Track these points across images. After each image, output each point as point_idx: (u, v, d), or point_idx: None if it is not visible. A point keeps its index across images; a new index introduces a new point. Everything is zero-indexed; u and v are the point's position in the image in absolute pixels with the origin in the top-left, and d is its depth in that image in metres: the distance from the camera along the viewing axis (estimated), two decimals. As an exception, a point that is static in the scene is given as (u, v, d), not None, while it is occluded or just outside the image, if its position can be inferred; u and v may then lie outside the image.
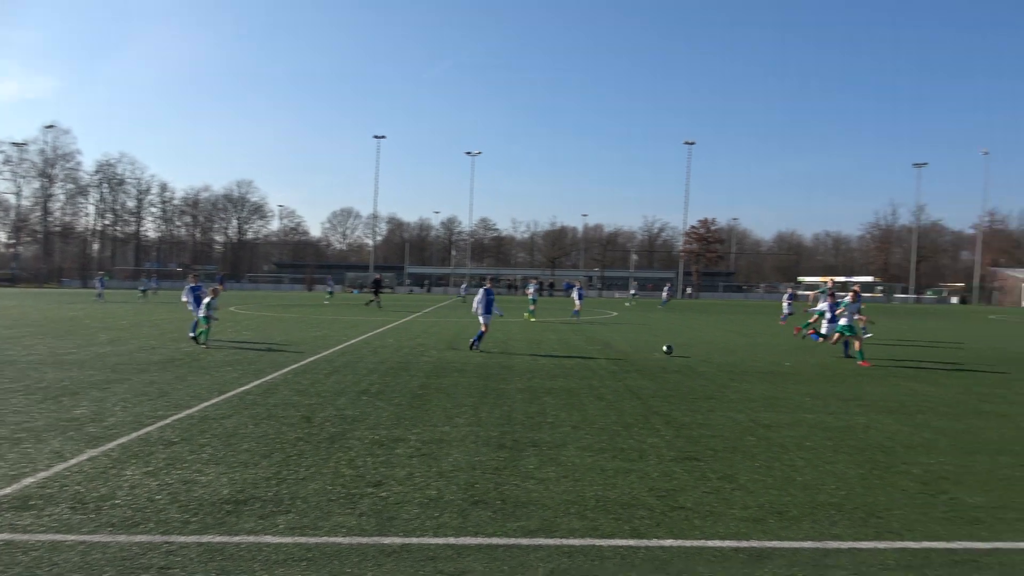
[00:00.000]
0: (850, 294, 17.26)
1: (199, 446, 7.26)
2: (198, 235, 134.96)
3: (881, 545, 4.86)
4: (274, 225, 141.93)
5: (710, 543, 4.86)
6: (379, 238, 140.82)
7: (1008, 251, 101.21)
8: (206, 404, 9.52)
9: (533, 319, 29.78)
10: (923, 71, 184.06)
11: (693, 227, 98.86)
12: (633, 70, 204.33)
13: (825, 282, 32.35)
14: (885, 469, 6.87)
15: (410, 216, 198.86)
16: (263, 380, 11.70)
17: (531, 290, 35.90)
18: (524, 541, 4.82)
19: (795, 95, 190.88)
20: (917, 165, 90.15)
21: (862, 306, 17.57)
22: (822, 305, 19.33)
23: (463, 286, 56.55)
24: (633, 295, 63.94)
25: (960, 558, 4.66)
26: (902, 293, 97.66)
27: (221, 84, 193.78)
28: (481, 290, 17.85)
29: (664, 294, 53.14)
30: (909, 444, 7.96)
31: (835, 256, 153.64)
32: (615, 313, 39.34)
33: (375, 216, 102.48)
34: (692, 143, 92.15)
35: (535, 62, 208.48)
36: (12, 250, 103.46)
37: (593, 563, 4.48)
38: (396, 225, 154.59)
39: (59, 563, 4.33)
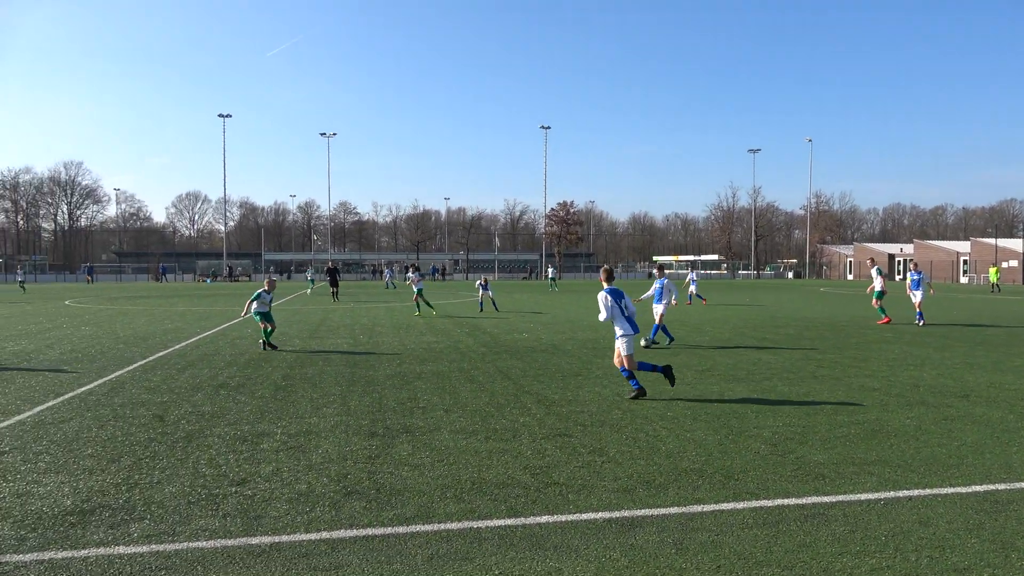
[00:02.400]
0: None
1: (34, 454, 6.56)
2: (21, 222, 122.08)
3: (740, 505, 5.20)
4: (111, 211, 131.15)
5: (584, 516, 5.00)
6: (232, 223, 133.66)
7: (832, 230, 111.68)
8: (40, 408, 8.63)
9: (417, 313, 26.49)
10: (757, 64, 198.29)
11: (553, 210, 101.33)
12: (488, 54, 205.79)
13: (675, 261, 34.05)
14: (739, 434, 7.36)
15: (265, 200, 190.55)
16: (107, 378, 10.77)
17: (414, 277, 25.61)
18: (401, 529, 4.74)
19: (646, 80, 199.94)
20: (752, 151, 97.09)
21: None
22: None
23: (308, 272, 52.76)
24: (553, 280, 54.82)
25: (810, 512, 5.07)
26: (744, 270, 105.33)
27: (35, 54, 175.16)
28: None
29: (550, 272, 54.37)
30: (758, 409, 8.58)
31: (684, 236, 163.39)
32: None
33: (225, 200, 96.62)
34: (548, 127, 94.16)
35: (390, 41, 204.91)
36: None
37: (472, 545, 4.47)
38: (249, 210, 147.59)
39: None
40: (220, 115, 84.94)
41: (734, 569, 4.13)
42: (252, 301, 14.27)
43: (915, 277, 20.85)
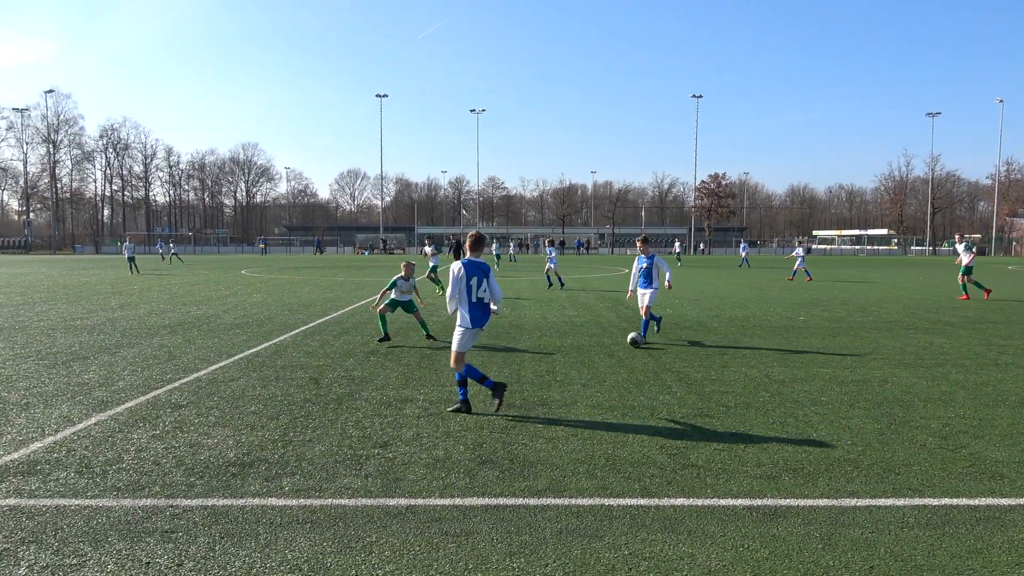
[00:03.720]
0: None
1: (206, 409, 7.22)
2: (207, 199, 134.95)
3: (900, 502, 4.74)
4: (282, 188, 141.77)
5: (722, 501, 4.76)
6: (387, 199, 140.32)
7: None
8: (215, 367, 9.48)
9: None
10: (937, 15, 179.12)
11: (704, 182, 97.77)
12: (638, 22, 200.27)
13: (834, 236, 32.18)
14: (903, 424, 6.73)
15: (418, 176, 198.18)
16: (272, 342, 11.66)
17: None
18: (532, 501, 4.74)
19: (805, 43, 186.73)
20: (931, 115, 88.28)
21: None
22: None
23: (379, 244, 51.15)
24: (679, 254, 52.83)
25: (983, 515, 4.53)
26: (917, 245, 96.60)
27: (218, 46, 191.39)
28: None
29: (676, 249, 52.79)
30: (927, 398, 7.81)
31: (849, 209, 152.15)
32: (625, 270, 39.10)
33: (382, 177, 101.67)
34: (700, 96, 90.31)
35: (536, 15, 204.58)
36: (24, 217, 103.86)
37: (602, 523, 4.39)
38: (404, 186, 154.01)
39: (63, 527, 4.29)
40: (377, 95, 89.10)
41: (889, 571, 3.76)
42: (388, 290, 11.95)
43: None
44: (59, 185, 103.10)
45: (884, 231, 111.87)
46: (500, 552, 3.98)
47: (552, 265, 24.06)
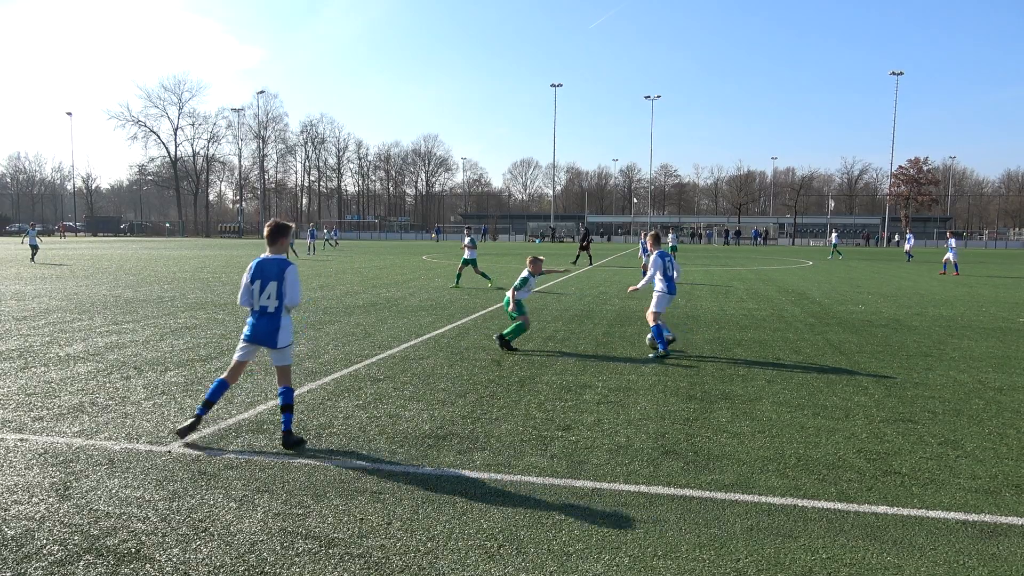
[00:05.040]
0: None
1: (402, 384, 7.77)
2: (391, 189, 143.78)
3: None
4: (458, 177, 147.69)
5: (931, 513, 4.41)
6: (558, 188, 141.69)
7: None
8: (406, 345, 10.16)
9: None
10: None
11: (902, 167, 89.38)
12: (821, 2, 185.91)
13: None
14: None
15: (589, 165, 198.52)
16: (455, 324, 12.28)
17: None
18: (719, 495, 4.67)
19: (1014, 10, 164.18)
20: None
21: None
22: None
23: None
24: (835, 246, 47.12)
25: None
26: None
27: (404, 43, 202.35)
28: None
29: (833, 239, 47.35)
30: None
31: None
32: (811, 263, 36.80)
33: (554, 166, 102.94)
34: (900, 73, 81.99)
35: (712, 2, 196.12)
36: (238, 206, 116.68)
37: (796, 523, 4.23)
38: (575, 175, 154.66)
39: (289, 481, 4.84)
40: (552, 85, 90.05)
41: None
42: (516, 290, 9.89)
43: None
44: (266, 176, 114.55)
45: None
46: (689, 543, 3.98)
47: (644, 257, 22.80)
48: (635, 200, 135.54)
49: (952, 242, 28.36)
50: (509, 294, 9.96)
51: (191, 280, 21.27)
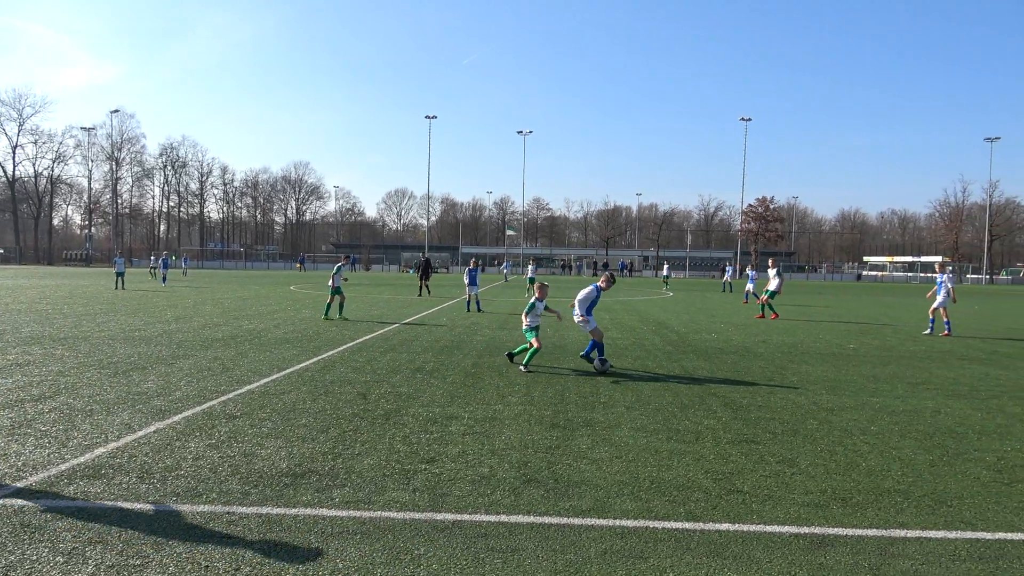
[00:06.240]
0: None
1: (259, 420, 7.44)
2: (259, 216, 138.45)
3: (952, 535, 4.65)
4: (331, 206, 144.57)
5: (768, 528, 4.73)
6: (433, 219, 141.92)
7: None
8: (266, 380, 9.75)
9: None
10: (992, 38, 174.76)
11: (751, 205, 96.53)
12: (686, 44, 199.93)
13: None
14: (955, 456, 6.58)
15: (464, 196, 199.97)
16: (320, 357, 11.92)
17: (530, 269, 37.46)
18: (576, 521, 4.78)
19: (856, 66, 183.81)
20: (989, 139, 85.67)
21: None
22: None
23: (504, 266, 57.54)
24: (666, 278, 49.97)
25: (1038, 550, 4.42)
26: (974, 273, 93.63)
27: (274, 68, 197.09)
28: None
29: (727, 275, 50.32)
30: (982, 430, 7.61)
31: (902, 235, 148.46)
32: (671, 293, 38.81)
33: (428, 197, 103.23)
34: (748, 119, 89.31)
35: (583, 39, 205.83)
36: (86, 231, 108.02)
37: (647, 545, 4.41)
38: (450, 205, 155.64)
39: (127, 529, 4.49)
40: (426, 116, 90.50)
41: (941, 605, 3.71)
42: (526, 315, 11.29)
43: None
44: (120, 201, 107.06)
45: (939, 258, 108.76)
46: (545, 569, 4.04)
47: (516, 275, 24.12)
48: (510, 231, 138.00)
49: (729, 270, 31.51)
50: (522, 318, 11.32)
51: (27, 312, 19.42)
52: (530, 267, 37.21)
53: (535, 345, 10.97)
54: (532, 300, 11.37)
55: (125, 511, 4.82)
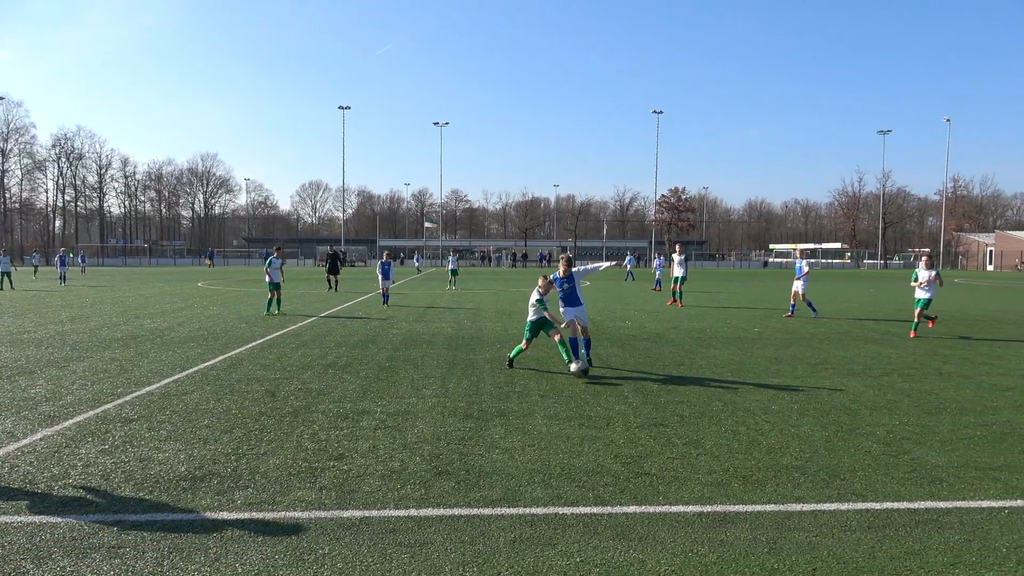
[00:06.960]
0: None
1: (158, 423, 7.08)
2: (164, 210, 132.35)
3: (843, 507, 4.88)
4: (241, 199, 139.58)
5: (673, 508, 4.85)
6: (349, 211, 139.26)
7: (972, 216, 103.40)
8: (168, 380, 9.31)
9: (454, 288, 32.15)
10: (887, 38, 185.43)
11: (664, 196, 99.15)
12: (599, 37, 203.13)
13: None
14: (849, 431, 6.93)
15: (381, 189, 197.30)
16: (227, 355, 11.48)
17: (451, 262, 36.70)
18: (487, 511, 4.77)
19: (763, 62, 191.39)
20: (882, 132, 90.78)
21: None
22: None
23: (416, 258, 57.30)
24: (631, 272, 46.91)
25: (922, 518, 4.69)
26: (870, 259, 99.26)
27: (178, 56, 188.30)
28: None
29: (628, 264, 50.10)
30: (873, 406, 8.05)
31: (805, 223, 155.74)
32: (587, 283, 39.42)
33: (344, 189, 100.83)
34: (660, 112, 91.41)
35: (500, 29, 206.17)
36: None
37: (555, 531, 4.43)
38: (366, 198, 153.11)
39: (5, 545, 4.18)
40: (340, 107, 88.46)
41: (831, 573, 3.88)
42: (536, 311, 10.24)
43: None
44: (8, 195, 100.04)
45: (838, 245, 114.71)
46: (453, 562, 4.00)
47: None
48: (428, 224, 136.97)
49: (656, 261, 33.17)
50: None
51: (-101, 316, 17.89)
52: (451, 258, 37.07)
53: (559, 338, 10.04)
54: (535, 296, 10.17)
55: (4, 525, 4.49)
